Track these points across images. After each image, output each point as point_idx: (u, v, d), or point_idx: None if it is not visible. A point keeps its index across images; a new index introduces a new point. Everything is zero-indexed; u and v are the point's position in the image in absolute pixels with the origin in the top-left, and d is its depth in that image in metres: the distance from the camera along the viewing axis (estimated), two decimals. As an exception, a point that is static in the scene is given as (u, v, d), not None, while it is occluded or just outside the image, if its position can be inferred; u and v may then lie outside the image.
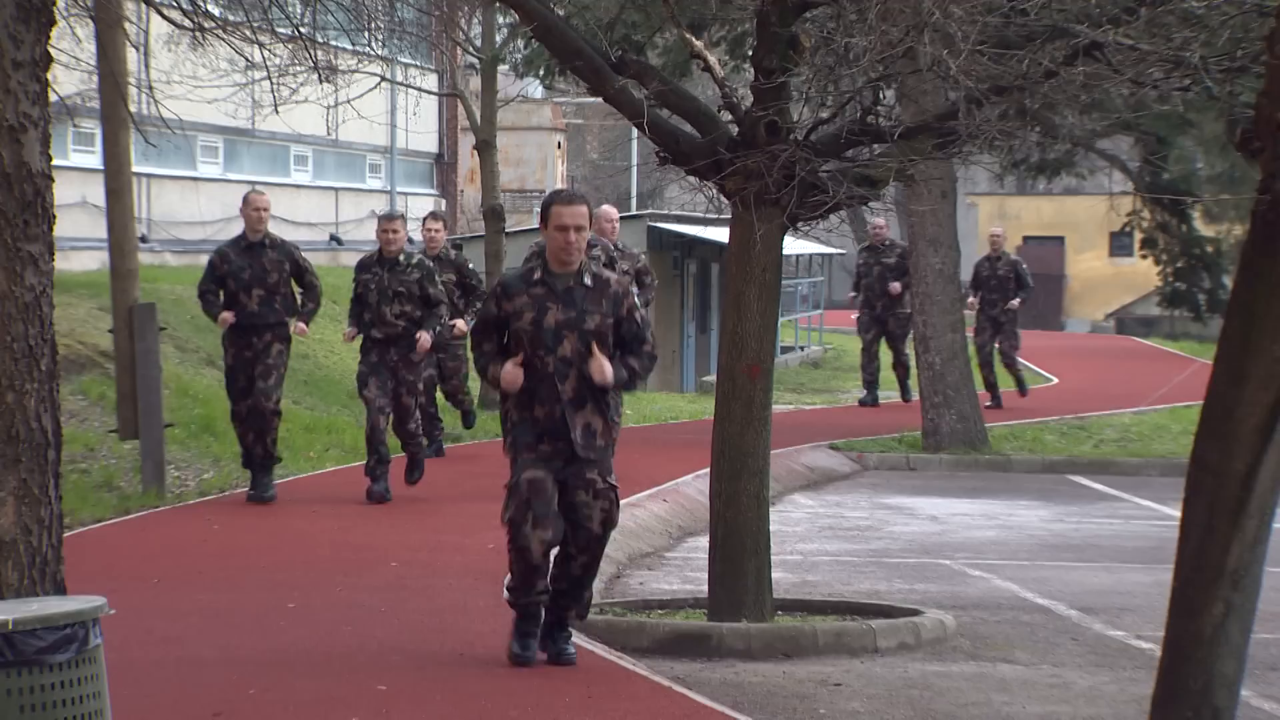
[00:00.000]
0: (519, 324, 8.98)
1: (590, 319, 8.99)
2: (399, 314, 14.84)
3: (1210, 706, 7.67)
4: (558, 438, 8.98)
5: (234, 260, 14.67)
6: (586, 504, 9.01)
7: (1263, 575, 7.79)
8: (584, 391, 8.99)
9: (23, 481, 5.15)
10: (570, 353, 8.96)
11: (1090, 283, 53.55)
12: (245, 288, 14.56)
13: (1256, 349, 7.66)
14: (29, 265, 5.20)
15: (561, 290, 9.01)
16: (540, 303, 8.97)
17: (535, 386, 8.98)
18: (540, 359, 8.95)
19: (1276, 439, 7.67)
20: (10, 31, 5.14)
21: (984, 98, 10.50)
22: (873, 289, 24.86)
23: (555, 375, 8.96)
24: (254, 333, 14.61)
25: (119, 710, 5.08)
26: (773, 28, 10.72)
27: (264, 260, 14.66)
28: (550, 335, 8.95)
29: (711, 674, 10.06)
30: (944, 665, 10.67)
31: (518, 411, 9.06)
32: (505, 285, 9.17)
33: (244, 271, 14.58)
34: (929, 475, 20.40)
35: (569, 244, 8.99)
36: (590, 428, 9.01)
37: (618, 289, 9.13)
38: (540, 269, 9.08)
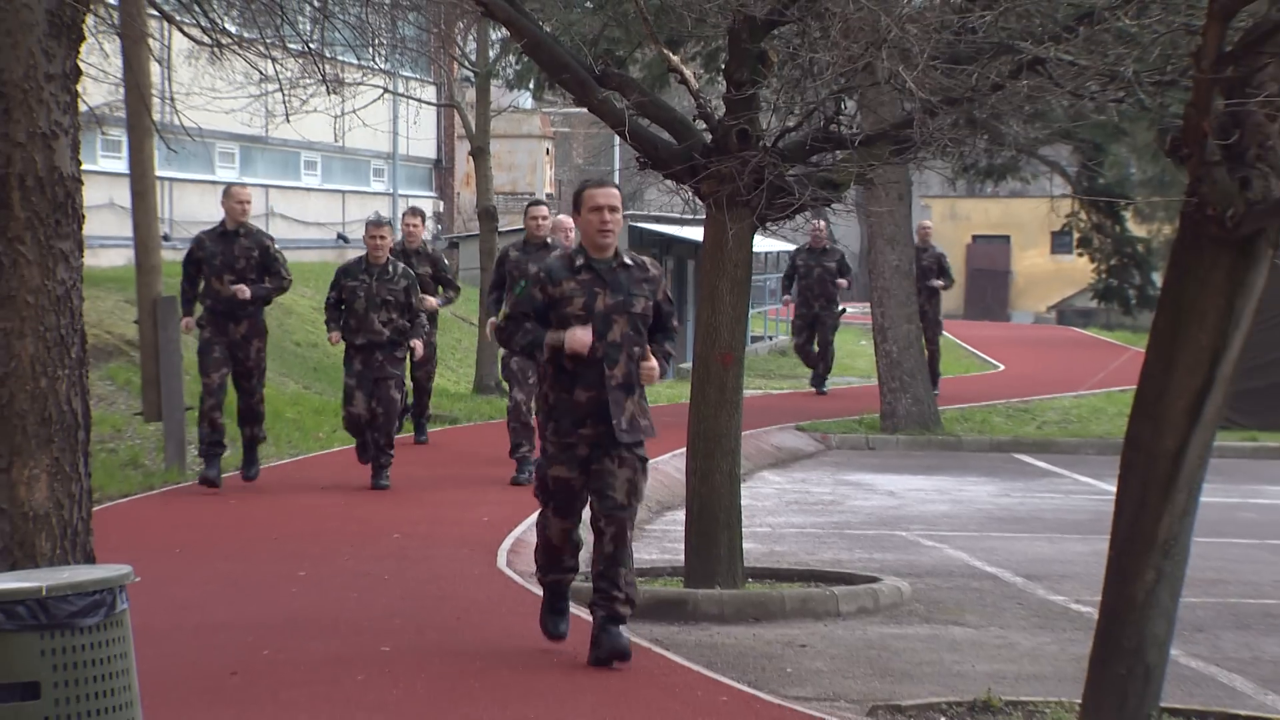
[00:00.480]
0: (568, 309, 8.37)
1: (637, 302, 8.46)
2: (386, 321, 14.40)
3: (1143, 664, 7.69)
4: (600, 421, 8.38)
5: (209, 246, 14.25)
6: (611, 472, 8.38)
7: (1190, 545, 7.81)
8: (631, 377, 8.43)
9: (55, 460, 5.14)
10: (619, 337, 8.39)
11: (1033, 278, 53.57)
12: (218, 273, 14.11)
13: (1185, 338, 7.68)
14: (60, 261, 5.19)
15: (606, 274, 8.46)
16: (589, 288, 8.40)
17: (581, 370, 8.37)
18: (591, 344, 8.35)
19: (1203, 420, 7.69)
20: (43, 47, 5.13)
21: (937, 108, 10.50)
22: (811, 289, 23.99)
23: (605, 360, 8.35)
24: (230, 319, 14.12)
25: (144, 670, 5.08)
26: (743, 44, 10.72)
27: (235, 247, 14.17)
28: (600, 320, 8.35)
29: (687, 636, 10.06)
30: (900, 628, 10.68)
31: (556, 393, 8.44)
32: (549, 271, 8.50)
33: (216, 257, 14.13)
34: (887, 454, 20.41)
35: (605, 222, 8.45)
36: (634, 417, 8.44)
37: (655, 272, 8.63)
38: (581, 255, 8.51)
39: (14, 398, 5.11)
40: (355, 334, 14.42)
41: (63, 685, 4.44)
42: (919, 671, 9.51)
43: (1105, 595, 7.85)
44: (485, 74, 25.36)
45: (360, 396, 14.36)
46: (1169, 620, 7.76)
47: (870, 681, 9.16)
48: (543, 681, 8.15)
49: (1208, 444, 7.75)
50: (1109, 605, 7.80)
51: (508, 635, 9.16)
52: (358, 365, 14.42)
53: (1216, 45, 7.09)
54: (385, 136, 34.57)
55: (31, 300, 5.14)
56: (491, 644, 8.94)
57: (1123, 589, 7.72)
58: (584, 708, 7.70)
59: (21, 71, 5.12)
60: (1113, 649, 7.72)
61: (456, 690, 7.98)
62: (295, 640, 8.98)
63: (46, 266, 5.16)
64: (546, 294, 8.43)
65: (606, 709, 7.69)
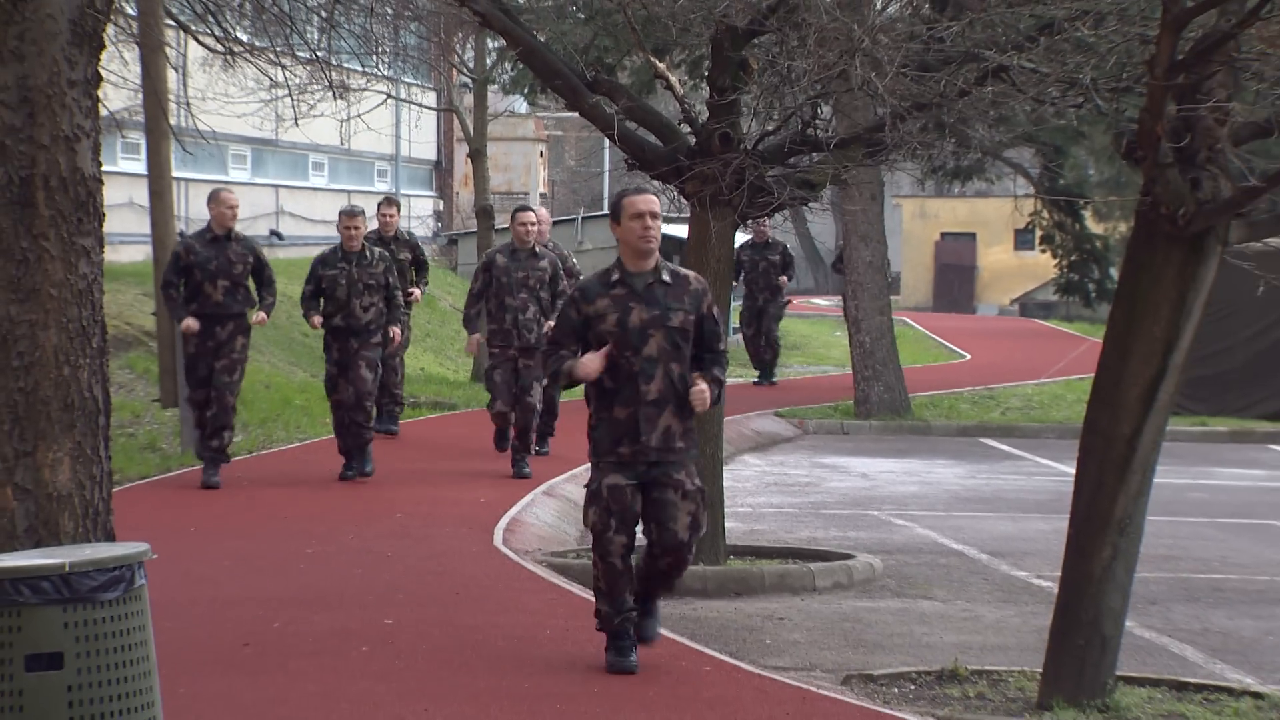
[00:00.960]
0: (603, 326, 7.67)
1: (674, 315, 7.69)
2: (367, 306, 13.73)
3: (1100, 635, 7.71)
4: (637, 439, 7.67)
5: (200, 252, 13.28)
6: (674, 504, 7.68)
7: (1144, 523, 7.83)
8: (668, 392, 7.67)
9: (77, 444, 5.14)
10: (655, 351, 7.66)
11: (998, 273, 53.57)
12: (211, 278, 13.20)
13: (1139, 330, 7.70)
14: (82, 257, 5.18)
15: (642, 289, 7.72)
16: (622, 303, 7.68)
17: (618, 387, 7.68)
18: (626, 359, 7.65)
19: (1157, 406, 7.71)
20: (66, 55, 5.12)
21: (907, 113, 10.51)
22: (757, 282, 23.22)
23: (640, 375, 7.65)
24: (218, 322, 13.25)
25: (161, 641, 5.08)
26: (725, 52, 10.72)
27: (229, 253, 13.29)
28: (636, 335, 7.64)
29: (673, 610, 10.07)
30: (873, 602, 10.69)
31: (599, 412, 7.78)
32: (584, 289, 7.84)
33: (210, 263, 13.21)
34: (860, 438, 20.43)
35: (647, 229, 7.69)
36: (670, 430, 7.68)
37: (698, 286, 7.81)
38: (617, 270, 7.78)
39: (38, 385, 5.11)
40: (334, 318, 13.78)
41: (85, 655, 4.44)
42: (890, 643, 9.52)
43: (1065, 571, 7.87)
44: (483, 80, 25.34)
45: (342, 384, 13.75)
46: (1124, 594, 7.78)
47: (844, 652, 9.17)
48: (536, 653, 8.16)
49: (1161, 429, 7.77)
50: (1068, 580, 7.82)
51: (503, 609, 9.16)
52: (335, 352, 13.84)
53: (1169, 54, 7.10)
54: (388, 139, 34.52)
55: (55, 293, 5.13)
56: (487, 617, 8.94)
57: (1081, 565, 7.74)
58: (574, 676, 7.71)
59: (46, 78, 5.11)
60: (1072, 621, 7.74)
61: (454, 661, 7.98)
62: (303, 613, 8.98)
63: (69, 261, 5.15)
64: (581, 312, 7.76)
65: (595, 679, 7.69)
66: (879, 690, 8.01)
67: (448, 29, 23.74)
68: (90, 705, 4.43)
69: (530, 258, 13.98)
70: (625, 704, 7.21)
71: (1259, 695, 8.04)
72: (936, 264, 53.32)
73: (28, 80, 5.08)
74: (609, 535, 7.66)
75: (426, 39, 25.33)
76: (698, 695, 7.43)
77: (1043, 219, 29.89)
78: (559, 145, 51.58)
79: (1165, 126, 7.28)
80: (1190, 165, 7.50)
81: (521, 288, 13.92)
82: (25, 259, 5.09)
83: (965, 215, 53.39)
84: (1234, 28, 7.18)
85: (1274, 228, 7.90)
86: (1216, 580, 11.67)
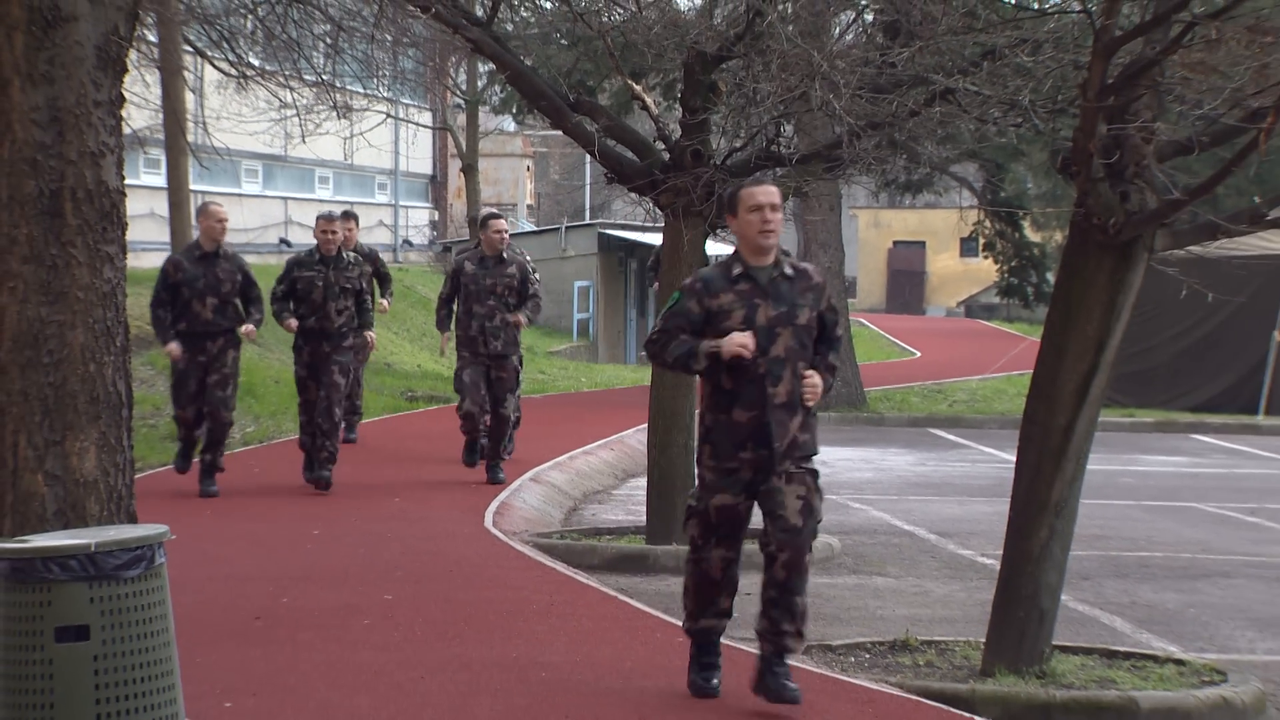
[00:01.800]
0: (727, 323, 6.58)
1: (801, 313, 6.65)
2: (341, 309, 12.48)
3: (1038, 608, 7.73)
4: (762, 445, 6.58)
5: (188, 269, 11.96)
6: (780, 490, 6.57)
7: (1078, 506, 7.85)
8: (796, 394, 6.62)
9: (102, 434, 5.13)
10: (783, 351, 6.59)
11: (945, 277, 53.68)
12: (199, 296, 11.92)
13: (1074, 329, 7.71)
14: (106, 263, 5.17)
15: (767, 284, 6.66)
16: (748, 299, 6.62)
17: (741, 388, 6.58)
18: (750, 360, 6.56)
19: (1089, 399, 7.73)
20: (92, 78, 5.11)
21: (862, 131, 10.52)
22: None
23: (767, 377, 6.57)
24: (208, 338, 11.98)
25: (179, 615, 5.07)
26: (697, 76, 10.73)
27: (218, 270, 11.98)
28: (764, 334, 6.57)
29: (648, 586, 10.07)
30: (831, 578, 10.70)
31: (714, 414, 6.66)
32: (706, 282, 6.69)
33: (198, 280, 11.92)
34: (820, 429, 20.42)
35: (767, 222, 6.61)
36: (796, 439, 6.65)
37: (819, 280, 6.79)
38: (739, 264, 6.69)
39: (66, 380, 5.10)
40: (307, 320, 12.51)
41: (109, 628, 4.43)
42: (847, 615, 9.53)
43: (1006, 549, 7.89)
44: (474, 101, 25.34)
45: (314, 385, 12.60)
46: (1060, 571, 7.80)
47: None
48: (523, 625, 8.15)
49: (1093, 420, 7.79)
50: (1009, 558, 7.84)
51: (493, 585, 9.15)
52: (306, 355, 12.62)
53: (1100, 79, 7.12)
54: (388, 155, 34.49)
55: (82, 296, 5.12)
56: (479, 593, 8.94)
57: (1021, 544, 7.76)
58: (558, 647, 7.70)
59: (74, 99, 5.09)
60: (1012, 595, 7.75)
61: (448, 633, 7.97)
62: (310, 590, 8.97)
63: (94, 267, 5.14)
64: (703, 306, 6.65)
65: (578, 648, 7.69)
66: (837, 659, 8.02)
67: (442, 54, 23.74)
68: (114, 674, 4.42)
69: (498, 264, 12.92)
70: (606, 673, 7.21)
71: (1181, 662, 8.07)
72: (889, 269, 53.42)
73: (57, 101, 5.06)
74: (708, 551, 6.71)
75: (423, 63, 25.32)
76: (672, 664, 7.43)
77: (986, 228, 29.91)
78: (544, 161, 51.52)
79: (1097, 144, 7.30)
80: (1119, 180, 7.53)
81: (489, 295, 12.85)
82: (55, 265, 5.07)
83: (915, 225, 53.50)
84: (1158, 55, 7.21)
85: (1196, 237, 7.92)
86: (1143, 558, 11.71)
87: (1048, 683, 7.55)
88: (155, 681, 4.49)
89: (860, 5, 12.30)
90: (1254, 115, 7.30)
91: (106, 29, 5.13)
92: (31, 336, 5.07)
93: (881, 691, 7.20)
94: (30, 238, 5.05)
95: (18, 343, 5.07)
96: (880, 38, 11.21)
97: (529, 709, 6.56)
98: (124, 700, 4.42)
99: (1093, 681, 7.63)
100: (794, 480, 6.58)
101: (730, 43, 10.61)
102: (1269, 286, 20.95)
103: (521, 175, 44.35)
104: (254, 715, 6.45)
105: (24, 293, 5.06)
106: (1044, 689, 7.43)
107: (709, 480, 6.65)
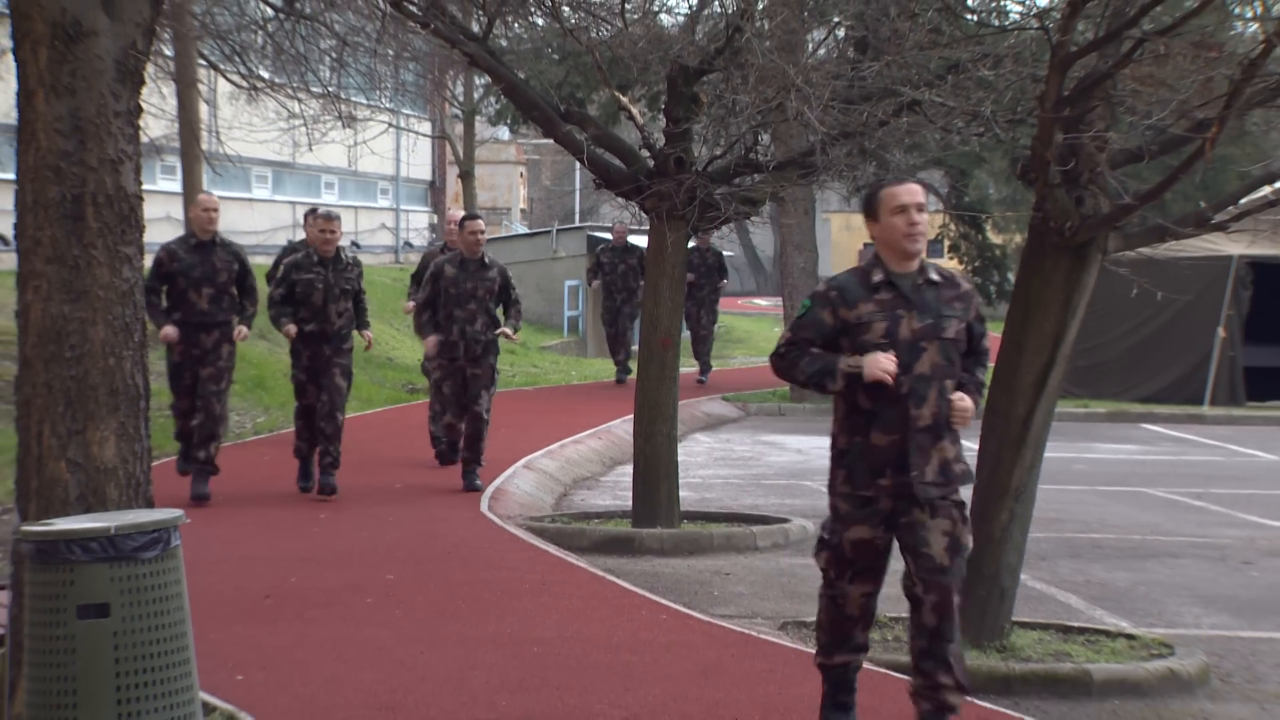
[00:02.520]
0: (866, 336, 5.59)
1: (949, 325, 5.64)
2: (341, 311, 11.51)
3: (999, 587, 7.74)
4: (903, 470, 5.60)
5: (183, 258, 11.13)
6: (923, 524, 5.61)
7: (1036, 491, 7.87)
8: (942, 416, 5.61)
9: (121, 424, 5.12)
10: (929, 368, 5.58)
11: (913, 277, 53.71)
12: (195, 285, 11.11)
13: (1032, 325, 7.73)
14: (125, 263, 5.16)
15: (911, 292, 5.63)
16: (890, 310, 5.61)
17: (881, 409, 5.59)
18: (892, 378, 5.55)
19: (1047, 391, 7.74)
20: (112, 90, 5.10)
21: (835, 140, 10.53)
22: (615, 284, 20.79)
23: (910, 397, 5.57)
24: (203, 330, 11.20)
25: (194, 593, 5.06)
26: (679, 88, 10.73)
27: (214, 259, 11.18)
28: (907, 349, 5.57)
29: (634, 567, 10.08)
30: (806, 559, 10.71)
31: (849, 437, 5.71)
32: (841, 289, 5.66)
33: (194, 269, 11.11)
34: (796, 419, 20.46)
35: (913, 224, 5.59)
36: (946, 464, 5.63)
37: (966, 287, 5.74)
38: (880, 270, 5.66)
39: (88, 373, 5.09)
40: (306, 323, 11.49)
41: (128, 605, 4.43)
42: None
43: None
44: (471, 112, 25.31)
45: (313, 389, 11.57)
46: (1019, 552, 7.82)
47: (782, 602, 9.19)
48: (516, 603, 8.16)
49: (1051, 410, 7.81)
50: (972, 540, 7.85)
51: (489, 566, 9.16)
52: (305, 359, 11.56)
53: (1056, 91, 7.13)
54: (389, 162, 34.43)
55: (102, 294, 5.11)
56: (475, 573, 8.94)
57: (983, 527, 7.78)
58: (550, 623, 7.71)
59: (94, 109, 5.09)
60: (975, 575, 7.76)
61: (446, 610, 7.97)
62: (317, 570, 8.97)
63: (114, 267, 5.13)
64: (838, 317, 5.64)
65: (568, 624, 7.69)
66: (810, 634, 8.03)
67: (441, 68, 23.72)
68: (132, 648, 4.42)
69: (480, 268, 11.90)
70: (594, 649, 7.22)
71: (1131, 636, 8.10)
72: (860, 270, 53.37)
73: (79, 112, 5.06)
74: (844, 585, 5.76)
75: (423, 76, 25.30)
76: (656, 640, 7.44)
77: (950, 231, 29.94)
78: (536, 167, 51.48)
79: (1053, 153, 7.32)
80: (1075, 186, 7.54)
81: (470, 299, 11.86)
82: (76, 265, 5.07)
83: (884, 228, 53.45)
84: (1111, 69, 7.23)
85: (1146, 239, 7.95)
86: (1096, 539, 11.73)
87: (1008, 656, 7.57)
88: (171, 655, 4.49)
89: (833, 22, 12.31)
90: (1199, 125, 7.33)
91: (125, 44, 5.12)
92: (55, 332, 5.06)
93: (852, 664, 7.20)
94: (54, 239, 5.05)
95: (42, 338, 5.07)
96: (851, 53, 11.22)
97: (522, 681, 6.57)
98: (142, 673, 4.42)
99: (1049, 655, 7.65)
100: (939, 513, 5.60)
101: (711, 57, 10.61)
102: (1213, 286, 21.02)
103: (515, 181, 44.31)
104: (264, 688, 6.45)
105: (48, 291, 5.06)
106: (1004, 662, 7.45)
107: (843, 511, 5.70)
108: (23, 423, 5.13)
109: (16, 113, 5.15)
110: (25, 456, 5.12)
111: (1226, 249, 20.42)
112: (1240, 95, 6.67)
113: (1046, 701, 7.12)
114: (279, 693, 6.40)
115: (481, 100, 25.87)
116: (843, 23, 11.92)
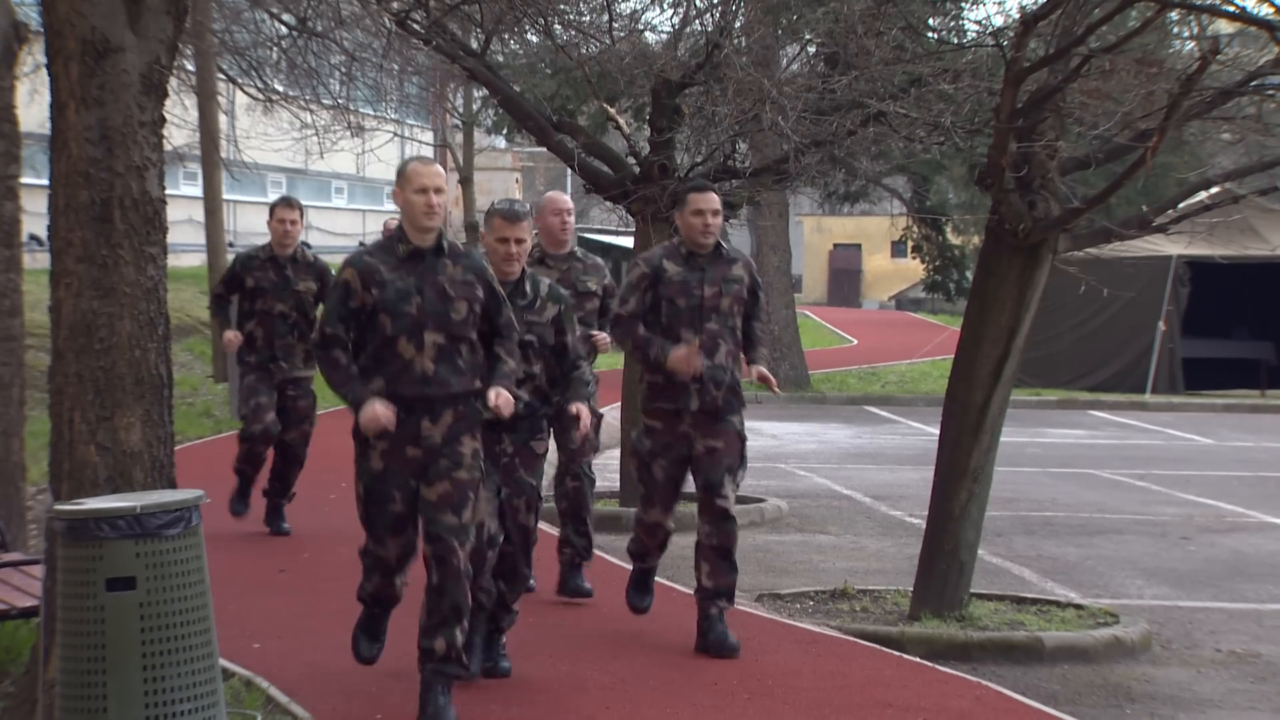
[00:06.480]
0: None
1: None
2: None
3: (958, 562, 7.76)
4: None
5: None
6: None
7: (993, 472, 7.89)
8: None
9: (146, 411, 5.11)
10: None
11: (879, 275, 53.74)
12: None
13: (989, 320, 7.74)
14: (150, 262, 5.15)
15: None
16: None
17: None
18: None
19: (1003, 380, 7.76)
20: (137, 101, 5.09)
21: (807, 149, 10.54)
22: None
23: None
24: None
25: (214, 569, 5.06)
26: (663, 100, 10.72)
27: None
28: None
29: (621, 543, 10.05)
30: (780, 536, 10.72)
31: None
32: None
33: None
34: (770, 407, 20.47)
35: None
36: None
37: None
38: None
39: (115, 364, 5.09)
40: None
41: (153, 579, 4.43)
42: (794, 568, 9.55)
43: (931, 510, 7.92)
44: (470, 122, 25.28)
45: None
46: (977, 529, 7.83)
47: (758, 576, 9.20)
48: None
49: (1006, 398, 7.83)
50: (933, 518, 7.87)
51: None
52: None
53: (1011, 104, 7.14)
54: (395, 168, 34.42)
55: (128, 291, 5.11)
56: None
57: (943, 506, 7.80)
58: (541, 597, 7.70)
59: (121, 119, 5.08)
60: (936, 551, 7.79)
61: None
62: (328, 546, 8.95)
63: (139, 266, 5.12)
64: None
65: (559, 599, 7.69)
66: (785, 605, 8.05)
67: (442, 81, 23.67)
68: (157, 619, 4.42)
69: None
70: (585, 617, 7.22)
71: (1080, 606, 8.12)
72: (830, 268, 53.47)
73: (107, 121, 5.05)
74: None
75: (425, 89, 25.26)
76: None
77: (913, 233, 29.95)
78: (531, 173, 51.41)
79: (1008, 160, 7.33)
80: (1028, 191, 7.55)
81: None
82: (105, 264, 5.06)
83: (853, 230, 53.54)
84: (1061, 83, 7.24)
85: (1093, 240, 7.96)
86: (1048, 517, 11.76)
87: (966, 625, 7.59)
88: (193, 625, 4.48)
89: (805, 39, 12.30)
90: (1142, 135, 7.35)
91: (150, 59, 5.11)
92: (85, 326, 5.05)
93: (823, 634, 7.23)
94: (84, 240, 5.04)
95: (73, 331, 5.07)
96: (822, 67, 11.22)
97: (518, 649, 6.57)
98: (166, 641, 4.42)
99: (1005, 624, 7.67)
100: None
101: (692, 71, 10.61)
102: (1155, 283, 21.08)
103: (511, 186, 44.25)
104: (280, 655, 6.44)
105: (78, 288, 5.05)
106: (963, 630, 7.47)
107: None
108: (55, 410, 5.12)
109: (50, 123, 5.15)
110: (58, 441, 5.12)
111: (1166, 249, 20.47)
112: (1179, 108, 6.69)
113: (1002, 667, 7.14)
114: (293, 660, 6.39)
115: (480, 111, 25.80)
116: (814, 40, 11.92)
